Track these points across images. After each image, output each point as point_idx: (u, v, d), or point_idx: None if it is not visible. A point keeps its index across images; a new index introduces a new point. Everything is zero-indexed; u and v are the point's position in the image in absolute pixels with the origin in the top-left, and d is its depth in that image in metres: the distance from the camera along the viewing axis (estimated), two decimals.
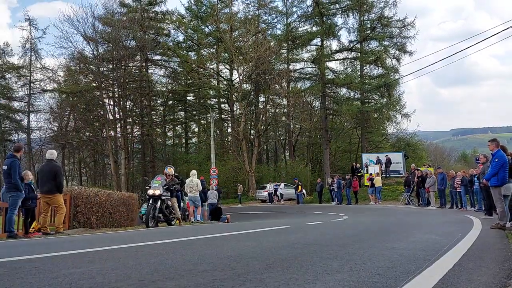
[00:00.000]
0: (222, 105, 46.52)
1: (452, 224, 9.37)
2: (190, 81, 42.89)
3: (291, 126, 44.24)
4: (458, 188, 17.98)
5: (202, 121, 49.92)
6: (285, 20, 42.83)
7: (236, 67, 38.53)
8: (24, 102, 43.43)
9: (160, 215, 12.58)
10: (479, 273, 3.28)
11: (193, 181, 15.65)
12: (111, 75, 41.47)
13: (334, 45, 40.14)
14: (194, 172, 16.28)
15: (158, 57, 46.43)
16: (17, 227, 10.01)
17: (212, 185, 24.30)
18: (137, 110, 46.00)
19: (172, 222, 13.29)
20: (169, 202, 13.17)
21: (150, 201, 12.33)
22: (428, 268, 3.41)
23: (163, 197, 12.59)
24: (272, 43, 38.72)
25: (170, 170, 13.75)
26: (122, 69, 40.75)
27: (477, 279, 3.06)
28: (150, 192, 12.47)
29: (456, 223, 9.73)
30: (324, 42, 38.91)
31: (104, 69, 41.51)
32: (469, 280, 2.99)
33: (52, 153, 10.58)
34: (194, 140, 53.11)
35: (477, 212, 14.71)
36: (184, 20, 44.15)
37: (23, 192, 9.24)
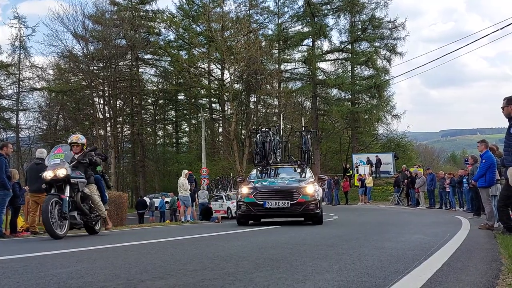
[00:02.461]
0: (213, 105, 46.45)
1: (441, 225, 9.44)
2: (181, 80, 42.78)
3: (282, 126, 44.22)
4: (447, 189, 18.14)
5: (193, 121, 49.82)
6: (277, 20, 42.87)
7: (227, 67, 38.45)
8: (13, 100, 42.97)
9: (75, 213, 7.32)
10: (468, 273, 3.31)
11: (180, 181, 15.62)
12: (101, 73, 41.28)
13: (325, 45, 40.37)
14: (184, 171, 16.26)
15: (149, 56, 46.33)
16: (5, 226, 9.90)
17: (203, 185, 24.26)
18: (127, 109, 45.81)
19: (96, 226, 8.24)
20: (86, 190, 7.67)
21: (52, 191, 7.10)
22: (417, 268, 3.42)
23: (73, 181, 7.23)
24: (263, 43, 38.71)
25: (77, 138, 8.05)
26: (112, 68, 40.58)
27: (465, 278, 3.08)
28: (48, 174, 7.05)
29: (445, 224, 9.79)
30: (316, 43, 39.08)
31: (94, 67, 41.32)
32: (458, 280, 3.01)
33: (42, 152, 10.48)
34: (184, 139, 53.09)
35: (465, 213, 14.83)
36: (175, 19, 43.98)
37: (11, 190, 9.12)
